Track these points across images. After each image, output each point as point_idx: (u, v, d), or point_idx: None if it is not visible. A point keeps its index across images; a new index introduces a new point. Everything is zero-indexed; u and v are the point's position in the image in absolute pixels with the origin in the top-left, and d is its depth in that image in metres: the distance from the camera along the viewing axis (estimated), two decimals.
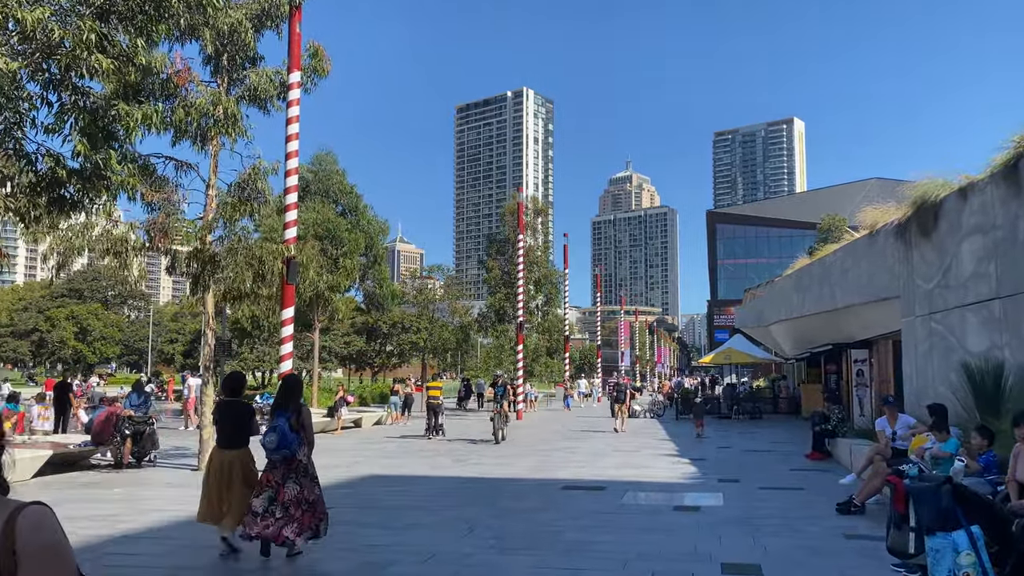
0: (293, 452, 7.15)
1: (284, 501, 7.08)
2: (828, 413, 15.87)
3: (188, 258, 13.76)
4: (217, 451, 7.66)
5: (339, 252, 30.97)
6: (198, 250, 13.70)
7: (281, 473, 7.17)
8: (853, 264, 20.31)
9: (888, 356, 21.84)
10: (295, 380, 7.90)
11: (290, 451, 7.12)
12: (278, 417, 7.21)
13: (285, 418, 7.18)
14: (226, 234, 14.11)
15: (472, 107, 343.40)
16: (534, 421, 30.40)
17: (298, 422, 7.24)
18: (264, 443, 7.16)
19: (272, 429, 7.12)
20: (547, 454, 17.33)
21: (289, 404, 7.33)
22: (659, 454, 17.21)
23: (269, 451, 7.16)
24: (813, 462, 15.29)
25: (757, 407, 31.71)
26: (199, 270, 13.76)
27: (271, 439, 7.07)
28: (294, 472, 7.19)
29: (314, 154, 33.14)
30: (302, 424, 7.28)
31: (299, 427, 7.24)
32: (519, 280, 33.18)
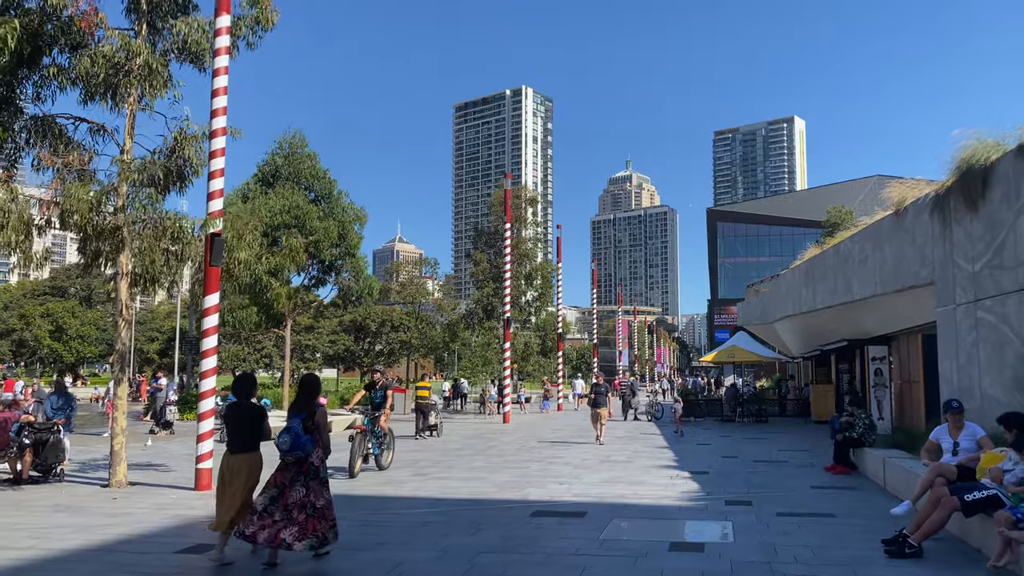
0: (307, 454, 7.13)
1: (287, 503, 7.03)
2: (852, 419, 13.49)
3: (81, 232, 11.37)
4: (227, 455, 7.47)
5: (308, 241, 28.60)
6: (92, 222, 11.30)
7: (291, 475, 7.15)
8: (874, 249, 17.97)
9: (914, 352, 19.49)
10: (312, 380, 7.72)
11: (304, 452, 7.10)
12: (292, 418, 7.22)
13: (300, 419, 7.19)
14: (129, 202, 11.69)
15: (471, 105, 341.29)
16: (522, 425, 28.05)
17: (313, 424, 7.21)
18: (278, 443, 7.16)
19: (286, 430, 7.12)
20: (525, 465, 14.96)
21: (304, 405, 7.32)
22: (655, 465, 14.85)
23: (283, 452, 7.16)
24: (836, 477, 12.93)
25: (762, 409, 29.36)
26: (97, 247, 11.39)
27: (285, 440, 7.08)
28: (303, 474, 7.15)
29: (281, 136, 30.68)
30: (317, 426, 7.24)
31: (314, 429, 7.22)
32: (507, 273, 30.84)
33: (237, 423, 7.48)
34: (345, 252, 30.18)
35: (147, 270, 11.84)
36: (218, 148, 12.74)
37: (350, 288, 31.22)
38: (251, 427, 7.48)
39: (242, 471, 7.32)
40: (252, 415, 7.53)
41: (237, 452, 7.41)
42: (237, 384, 7.84)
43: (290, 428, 7.13)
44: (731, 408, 29.57)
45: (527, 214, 39.52)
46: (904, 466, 10.47)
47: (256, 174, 30.65)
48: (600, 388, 19.77)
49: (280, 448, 7.14)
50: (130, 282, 12.04)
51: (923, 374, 16.25)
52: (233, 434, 7.53)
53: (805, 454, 16.85)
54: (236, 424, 7.49)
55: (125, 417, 12.88)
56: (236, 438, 7.48)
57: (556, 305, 40.58)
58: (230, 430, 7.57)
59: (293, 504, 7.03)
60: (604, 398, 19.57)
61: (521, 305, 37.40)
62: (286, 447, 7.09)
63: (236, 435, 7.49)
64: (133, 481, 12.70)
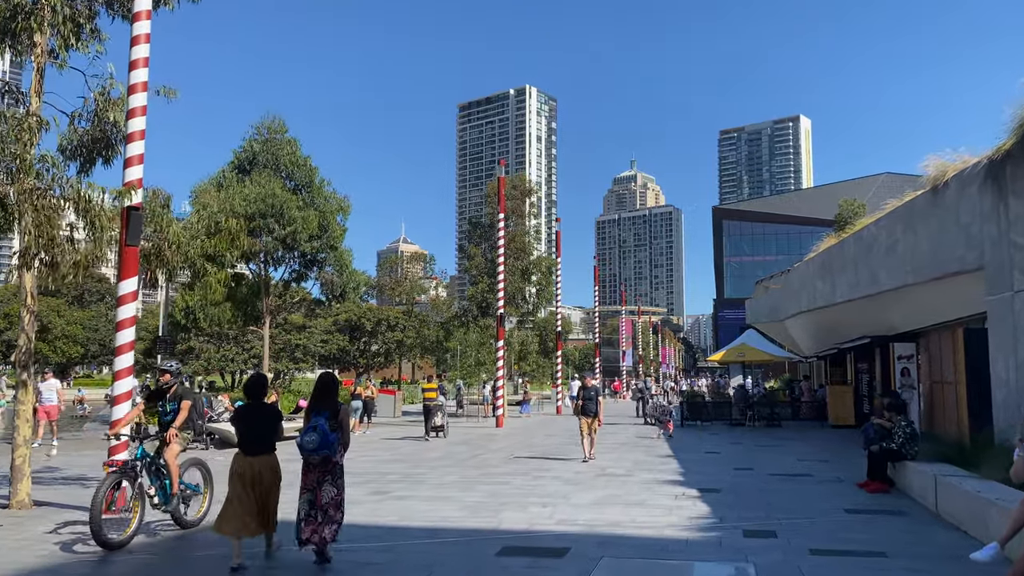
0: (333, 452, 7.06)
1: (322, 504, 7.04)
2: (891, 426, 11.41)
3: None
4: (242, 458, 7.24)
5: (286, 232, 26.65)
6: None
7: (317, 476, 7.10)
8: (905, 233, 15.91)
9: (949, 349, 17.40)
10: (331, 378, 7.56)
11: (331, 451, 7.01)
12: (316, 417, 7.07)
13: (324, 417, 7.03)
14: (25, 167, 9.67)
15: (474, 105, 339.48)
16: (516, 429, 26.04)
17: (337, 422, 7.10)
18: (304, 443, 7.00)
19: (312, 428, 6.98)
20: (507, 481, 12.93)
21: (327, 403, 7.17)
22: (657, 480, 12.81)
23: (308, 452, 7.01)
24: (873, 496, 10.86)
25: (775, 412, 27.27)
26: None
27: (312, 439, 6.93)
28: (330, 474, 7.13)
29: (259, 120, 28.75)
30: (340, 424, 7.14)
31: (338, 427, 7.10)
32: (500, 266, 28.83)
33: (257, 424, 7.36)
34: (327, 244, 28.22)
35: (45, 251, 9.83)
36: (138, 106, 10.77)
37: (333, 283, 29.26)
38: (272, 427, 7.47)
39: (268, 472, 7.25)
40: (271, 415, 7.53)
41: (259, 454, 7.25)
42: (251, 385, 7.70)
43: (317, 427, 6.96)
44: (740, 411, 27.49)
45: (525, 206, 37.44)
46: (967, 489, 8.41)
47: (232, 161, 28.72)
48: (590, 393, 15.90)
49: (305, 448, 6.98)
50: (23, 264, 10.03)
51: (965, 374, 14.16)
52: (253, 435, 7.33)
53: (828, 465, 14.77)
54: (256, 425, 7.36)
55: (29, 426, 10.91)
56: (256, 439, 7.31)
57: (555, 302, 38.56)
58: (247, 431, 7.35)
59: (328, 504, 7.07)
60: (594, 404, 15.73)
61: (518, 302, 35.35)
62: (312, 446, 6.94)
63: (256, 436, 7.32)
64: (40, 500, 10.72)
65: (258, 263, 28.44)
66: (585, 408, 15.74)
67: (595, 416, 15.69)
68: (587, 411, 15.69)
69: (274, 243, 26.73)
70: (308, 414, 7.24)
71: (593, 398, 15.83)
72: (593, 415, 15.69)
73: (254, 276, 28.92)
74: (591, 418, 15.66)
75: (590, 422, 15.66)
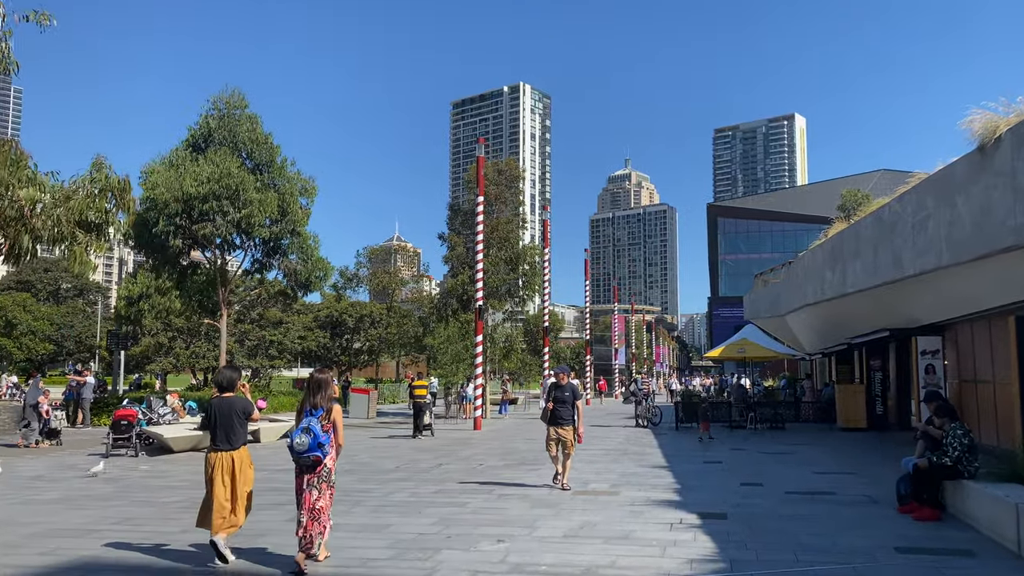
0: (325, 454, 6.74)
1: (313, 508, 6.72)
2: (945, 438, 9.03)
3: None
4: (217, 454, 7.02)
5: (240, 215, 24.20)
6: None
7: (307, 479, 6.76)
8: (939, 206, 13.56)
9: (985, 343, 15.10)
10: (323, 376, 7.10)
11: (323, 453, 6.70)
12: (307, 417, 6.75)
13: (316, 417, 6.73)
14: None
15: (468, 102, 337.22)
16: (494, 432, 23.66)
17: (329, 422, 6.79)
18: (294, 445, 6.67)
19: (303, 429, 6.66)
20: (462, 502, 10.54)
21: (318, 402, 6.82)
22: (648, 501, 10.44)
23: (298, 453, 6.68)
24: (926, 527, 8.49)
25: (779, 414, 24.94)
26: None
27: (303, 440, 6.61)
28: (318, 476, 6.78)
29: (216, 94, 26.26)
30: (334, 425, 6.84)
31: (330, 428, 6.80)
32: (479, 254, 26.44)
33: (225, 417, 7.09)
34: (288, 229, 25.74)
35: None
36: None
37: (298, 272, 26.80)
38: (240, 421, 7.16)
39: (246, 464, 7.11)
40: (243, 408, 7.21)
41: (235, 447, 7.07)
42: (219, 378, 7.46)
43: (309, 428, 6.68)
44: (741, 412, 25.18)
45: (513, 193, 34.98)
46: None
47: (186, 139, 26.25)
48: (563, 394, 11.45)
49: (296, 450, 6.70)
50: None
51: (1018, 371, 11.82)
52: (226, 429, 7.07)
53: (852, 479, 12.42)
54: (228, 418, 7.08)
55: None
56: (230, 432, 7.08)
57: (543, 295, 36.16)
58: (219, 425, 7.08)
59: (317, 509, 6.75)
60: (571, 410, 11.43)
61: (501, 295, 32.90)
62: (304, 448, 6.64)
63: (230, 429, 7.07)
64: None
65: (213, 250, 25.99)
66: (557, 415, 11.40)
67: (571, 426, 11.41)
68: (559, 419, 11.39)
69: (228, 227, 24.27)
70: (299, 414, 6.87)
71: (569, 401, 11.43)
72: (569, 425, 11.41)
73: (210, 264, 26.46)
74: (565, 429, 11.39)
75: (564, 434, 11.38)
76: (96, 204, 9.89)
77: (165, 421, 20.79)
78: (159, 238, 24.56)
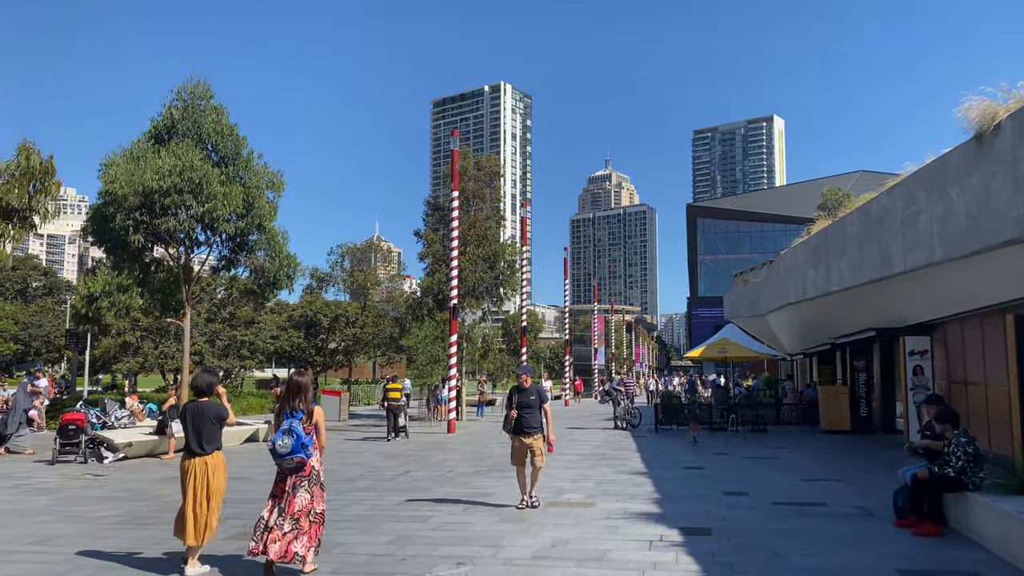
0: (308, 456, 6.56)
1: (294, 512, 6.48)
2: (947, 446, 8.32)
3: None
4: (191, 460, 6.93)
5: (204, 210, 23.17)
6: None
7: (292, 482, 6.55)
8: (931, 199, 12.93)
9: (977, 343, 14.49)
10: (303, 379, 6.91)
11: (305, 455, 6.52)
12: (288, 418, 6.61)
13: (298, 419, 6.59)
14: None
15: (448, 101, 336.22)
16: (469, 436, 22.83)
17: (311, 424, 6.68)
18: (277, 447, 6.48)
19: (285, 432, 6.52)
20: (425, 515, 9.71)
21: (298, 405, 6.68)
22: (626, 513, 9.66)
23: (280, 456, 6.48)
24: (928, 543, 7.76)
25: (760, 416, 24.32)
26: None
27: (286, 443, 6.45)
28: (306, 479, 6.59)
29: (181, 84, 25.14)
30: (316, 426, 6.73)
31: (312, 430, 6.68)
32: (454, 251, 25.60)
33: (197, 423, 6.98)
34: (255, 224, 24.72)
35: None
36: None
37: (265, 269, 25.77)
38: (217, 425, 7.05)
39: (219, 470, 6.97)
40: (216, 413, 7.07)
41: (208, 452, 6.94)
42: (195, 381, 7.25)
43: (291, 430, 6.49)
44: (721, 414, 24.53)
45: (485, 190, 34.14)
46: None
47: (148, 131, 25.14)
48: (528, 398, 9.97)
49: (278, 452, 6.48)
50: None
51: (1017, 374, 11.18)
52: (199, 434, 6.96)
53: (842, 487, 11.71)
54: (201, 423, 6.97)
55: None
56: (203, 438, 6.96)
57: (521, 294, 35.41)
58: (193, 430, 6.98)
59: (300, 512, 6.49)
60: (538, 415, 9.98)
61: (478, 293, 32.06)
62: (286, 451, 6.43)
63: (202, 435, 6.96)
64: None
65: (176, 246, 24.91)
66: (523, 423, 9.88)
67: (540, 434, 9.97)
68: (526, 427, 9.88)
69: (191, 222, 23.23)
70: (279, 415, 6.71)
71: (536, 406, 9.92)
72: (538, 433, 9.95)
73: (173, 261, 25.38)
74: (534, 438, 9.91)
75: (533, 444, 9.90)
76: (17, 190, 8.95)
77: (121, 425, 19.78)
78: (119, 233, 23.49)
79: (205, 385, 7.21)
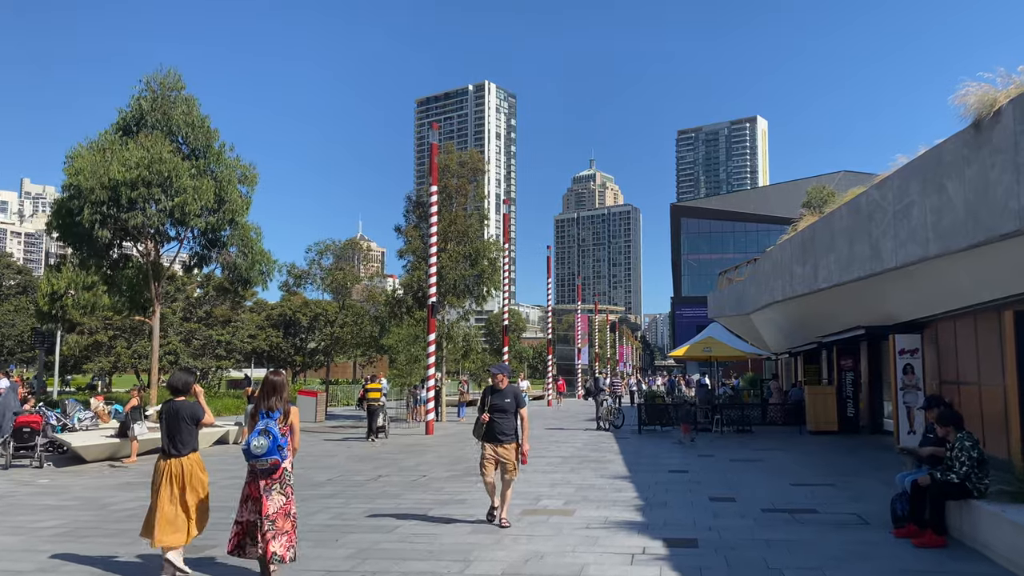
0: (283, 457, 6.40)
1: (269, 514, 6.31)
2: (951, 450, 7.75)
3: None
4: (167, 461, 6.73)
5: (173, 204, 22.38)
6: None
7: (263, 484, 6.36)
8: (927, 191, 12.41)
9: (970, 341, 14.01)
10: (279, 378, 6.76)
11: (280, 456, 6.36)
12: (264, 419, 6.44)
13: (274, 420, 6.43)
14: None
15: (432, 100, 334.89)
16: (448, 437, 22.16)
17: (287, 425, 6.53)
18: (252, 448, 6.29)
19: (261, 432, 6.36)
20: (391, 526, 9.06)
21: (275, 404, 6.53)
22: (607, 522, 9.05)
23: (255, 457, 6.29)
24: (928, 555, 7.21)
25: (746, 416, 23.81)
26: None
27: (261, 443, 6.28)
28: (278, 481, 6.43)
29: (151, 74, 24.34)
30: (291, 427, 6.59)
31: (287, 431, 6.54)
32: (432, 247, 24.91)
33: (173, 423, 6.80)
34: (227, 219, 23.95)
35: None
36: None
37: (237, 266, 25.00)
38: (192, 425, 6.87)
39: (196, 473, 6.77)
40: (191, 413, 6.88)
41: (184, 453, 6.77)
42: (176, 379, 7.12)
43: (267, 430, 6.34)
44: (706, 414, 24.01)
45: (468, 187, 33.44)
46: None
47: (116, 122, 24.32)
48: (503, 400, 8.71)
49: (253, 453, 6.28)
50: None
51: (1016, 373, 10.68)
52: (173, 435, 6.79)
53: (834, 492, 11.16)
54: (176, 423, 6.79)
55: None
56: (178, 438, 6.78)
57: (503, 292, 34.73)
58: (168, 431, 6.81)
59: (276, 514, 6.34)
60: (513, 421, 8.73)
61: (459, 291, 31.37)
62: (262, 451, 6.25)
63: (178, 435, 6.78)
64: None
65: (145, 242, 24.09)
66: (496, 429, 8.64)
67: (514, 443, 8.69)
68: (499, 434, 8.63)
69: (160, 216, 22.44)
70: (253, 417, 6.54)
71: (511, 410, 8.67)
72: (511, 442, 8.67)
73: (142, 257, 24.56)
74: (507, 447, 8.64)
75: (505, 454, 8.63)
76: None
77: (83, 427, 18.94)
78: (84, 228, 22.67)
79: (181, 384, 7.06)
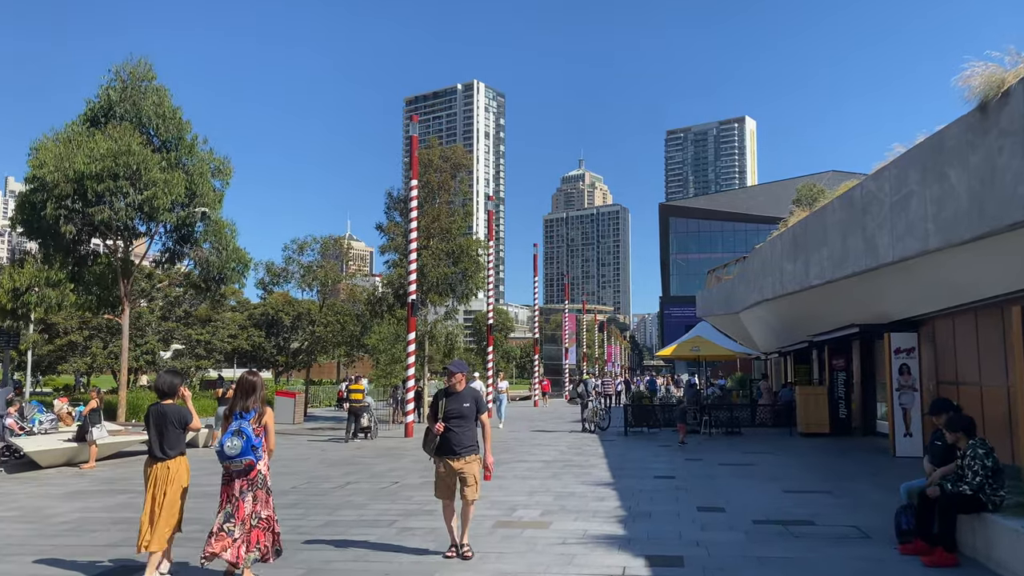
0: (257, 459, 6.31)
1: (244, 518, 6.23)
2: (962, 459, 7.04)
3: None
4: (154, 464, 6.66)
5: (142, 198, 21.50)
6: None
7: (239, 486, 6.27)
8: (927, 180, 11.72)
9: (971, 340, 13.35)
10: (255, 379, 6.64)
11: (255, 457, 6.27)
12: (237, 420, 6.36)
13: (248, 420, 6.35)
14: None
15: (421, 99, 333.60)
16: None
17: (261, 426, 6.41)
18: (225, 449, 6.22)
19: (235, 432, 6.27)
20: (345, 541, 8.29)
21: (249, 405, 6.41)
22: (585, 537, 8.30)
23: (229, 458, 6.20)
24: (940, 572, 6.50)
25: (735, 418, 23.14)
26: None
27: (234, 444, 6.21)
28: (252, 484, 6.31)
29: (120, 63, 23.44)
30: (265, 429, 6.46)
31: (261, 431, 6.42)
32: (412, 244, 24.13)
33: (161, 425, 6.68)
34: (199, 214, 23.06)
35: None
36: None
37: (210, 263, 24.12)
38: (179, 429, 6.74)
39: (180, 476, 6.68)
40: (178, 416, 6.76)
41: (171, 457, 6.66)
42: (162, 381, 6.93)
43: (241, 431, 6.25)
44: (694, 415, 23.31)
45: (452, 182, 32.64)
46: None
47: (83, 113, 23.41)
48: (462, 407, 7.19)
49: (227, 454, 6.19)
50: None
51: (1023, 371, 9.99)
52: (160, 438, 6.67)
53: (830, 500, 10.45)
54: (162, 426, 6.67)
55: None
56: (164, 442, 6.67)
57: (487, 291, 33.96)
58: (156, 433, 6.68)
59: (248, 517, 6.23)
60: (473, 431, 7.27)
61: (442, 289, 30.57)
62: (235, 452, 6.17)
63: (164, 439, 6.67)
64: None
65: (114, 237, 23.18)
66: (452, 440, 7.11)
67: (475, 455, 7.19)
68: (456, 446, 7.11)
69: (128, 211, 21.56)
70: (227, 418, 6.40)
71: (470, 416, 7.19)
72: (471, 454, 7.16)
73: (110, 253, 23.65)
74: (466, 460, 7.13)
75: (464, 468, 7.12)
76: None
77: (42, 431, 18.05)
78: (49, 223, 21.77)
79: (167, 387, 6.87)
